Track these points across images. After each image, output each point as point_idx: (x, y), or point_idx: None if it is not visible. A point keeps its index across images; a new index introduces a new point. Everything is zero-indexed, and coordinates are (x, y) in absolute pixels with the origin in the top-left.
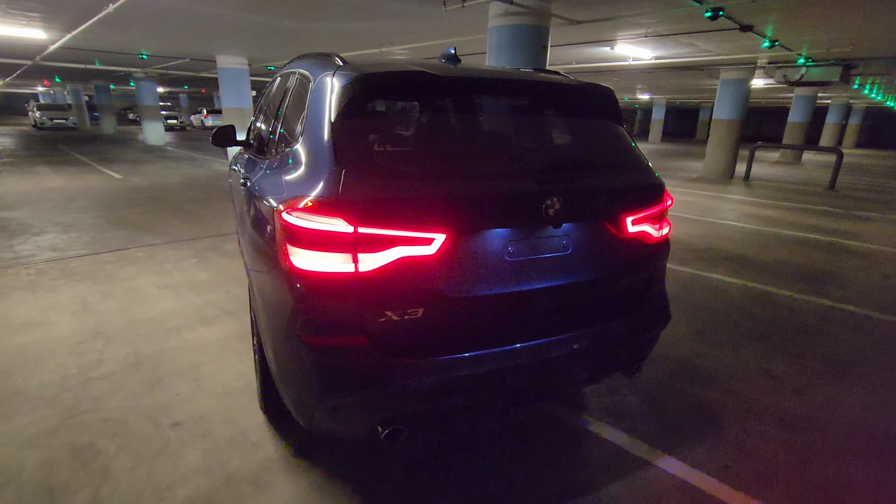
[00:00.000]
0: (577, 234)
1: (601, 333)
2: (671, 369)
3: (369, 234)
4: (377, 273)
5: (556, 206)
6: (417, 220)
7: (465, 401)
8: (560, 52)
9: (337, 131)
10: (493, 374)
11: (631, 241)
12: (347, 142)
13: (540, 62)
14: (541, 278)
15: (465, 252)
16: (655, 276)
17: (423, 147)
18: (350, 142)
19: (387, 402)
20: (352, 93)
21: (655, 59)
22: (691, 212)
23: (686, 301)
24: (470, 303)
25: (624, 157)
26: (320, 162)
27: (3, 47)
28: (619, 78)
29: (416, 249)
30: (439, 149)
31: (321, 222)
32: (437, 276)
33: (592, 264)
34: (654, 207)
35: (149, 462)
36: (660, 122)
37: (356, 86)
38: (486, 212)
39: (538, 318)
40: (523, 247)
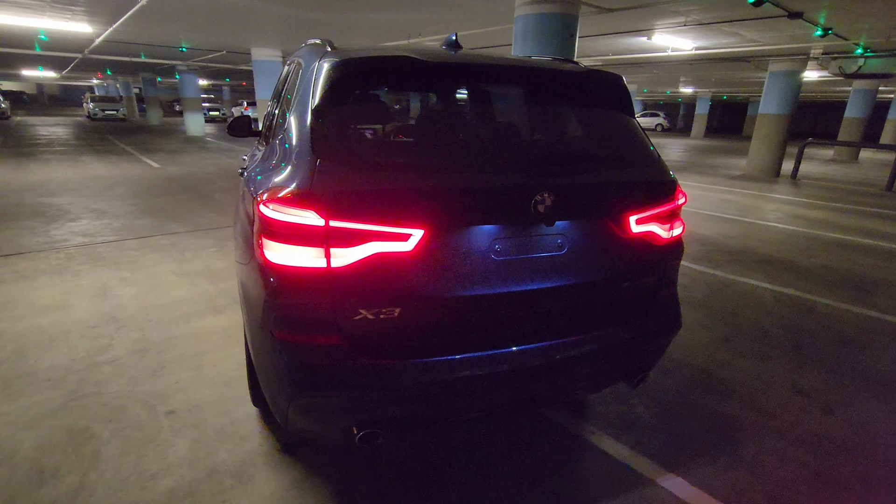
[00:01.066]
0: (573, 233)
1: (600, 340)
2: (688, 379)
3: (342, 228)
4: (351, 269)
5: (547, 203)
6: (393, 214)
7: (447, 407)
8: (594, 42)
9: (317, 120)
10: (478, 380)
11: (636, 242)
12: (327, 130)
13: (568, 52)
14: (532, 279)
15: (446, 249)
16: (665, 281)
17: (406, 137)
18: (329, 130)
19: (362, 405)
20: (333, 79)
21: (696, 49)
22: (729, 211)
23: (713, 306)
24: (451, 303)
25: (631, 150)
26: (299, 151)
27: (55, 41)
28: (659, 70)
29: (392, 245)
30: (423, 139)
31: (293, 214)
32: (415, 275)
33: (590, 266)
34: (663, 206)
35: (138, 449)
36: (703, 116)
37: (337, 72)
38: (469, 207)
39: (529, 322)
40: (512, 245)
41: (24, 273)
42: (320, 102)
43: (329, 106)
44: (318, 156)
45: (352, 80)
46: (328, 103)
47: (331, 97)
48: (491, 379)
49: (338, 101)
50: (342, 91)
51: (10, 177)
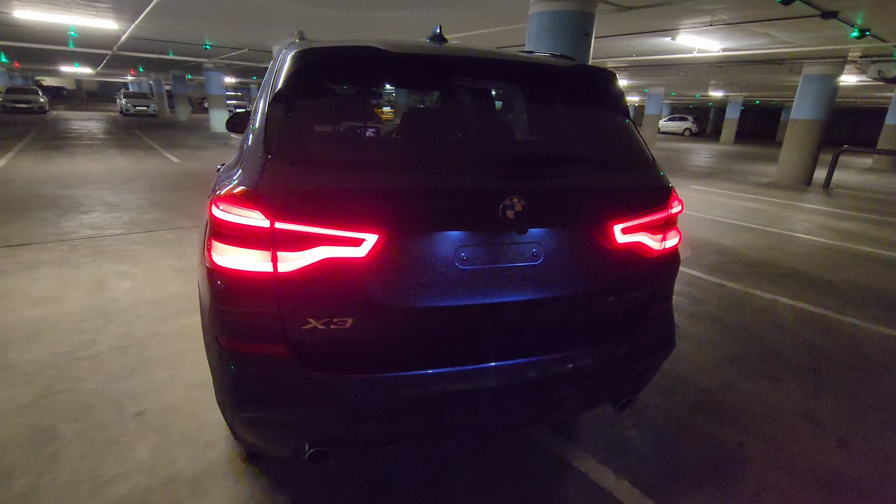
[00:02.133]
0: (549, 242)
1: (581, 360)
2: (690, 400)
3: (288, 230)
4: (298, 275)
5: (516, 208)
6: (344, 217)
7: (407, 427)
8: (616, 43)
9: (272, 114)
10: (441, 400)
11: (622, 254)
12: (281, 126)
13: (583, 51)
14: (502, 291)
15: (404, 257)
16: (656, 296)
17: (368, 134)
18: (284, 126)
19: (312, 422)
20: (291, 71)
21: (724, 51)
22: (753, 220)
23: (725, 321)
24: (411, 316)
25: (621, 153)
26: (253, 148)
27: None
28: (686, 73)
29: (343, 251)
30: (385, 136)
31: (238, 215)
32: (369, 283)
33: (569, 278)
34: (654, 214)
35: (99, 452)
36: (734, 121)
37: (295, 63)
38: (430, 211)
39: (499, 337)
40: (480, 253)
41: (27, 264)
42: (276, 96)
43: (285, 99)
44: (269, 152)
45: (310, 71)
46: (285, 97)
47: (288, 90)
48: (456, 399)
49: (295, 95)
50: (300, 83)
51: (35, 169)
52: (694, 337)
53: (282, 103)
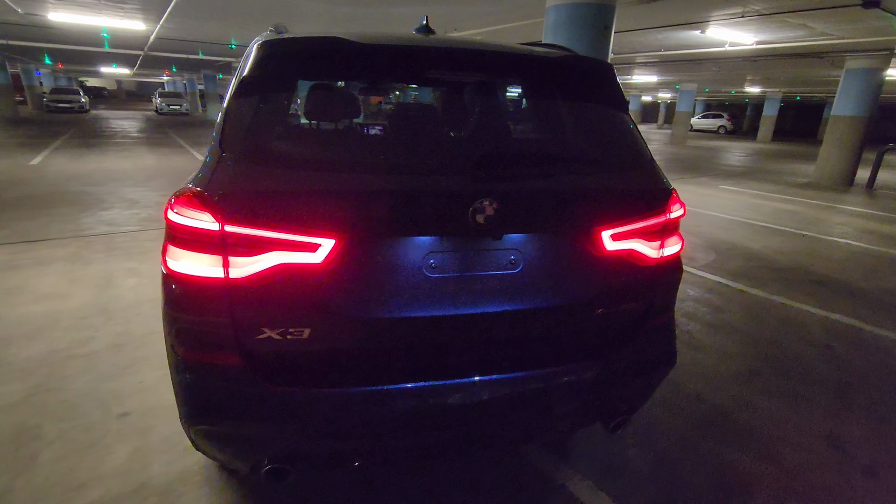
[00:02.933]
0: (529, 249)
1: (565, 377)
2: (699, 418)
3: (239, 233)
4: (251, 281)
5: (487, 211)
6: (298, 220)
7: (372, 445)
8: (642, 37)
9: (231, 110)
10: (408, 417)
11: (612, 262)
12: (238, 122)
13: (602, 46)
14: (476, 302)
15: (365, 263)
16: (653, 309)
17: (328, 131)
18: (241, 122)
19: (269, 437)
20: (253, 64)
21: (758, 44)
22: (785, 223)
23: (747, 332)
24: (373, 327)
25: (614, 151)
26: (212, 146)
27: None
28: (719, 68)
29: (298, 256)
30: (348, 134)
31: (189, 217)
32: (327, 291)
33: (551, 288)
34: (650, 219)
35: (77, 455)
36: (772, 118)
37: (257, 55)
38: (392, 214)
39: (473, 351)
40: (450, 261)
41: (42, 259)
42: (235, 90)
43: (244, 94)
44: (223, 150)
45: (270, 64)
46: (243, 91)
47: (247, 84)
48: (425, 417)
49: (254, 89)
50: (259, 77)
51: (66, 166)
52: (710, 348)
53: (241, 98)
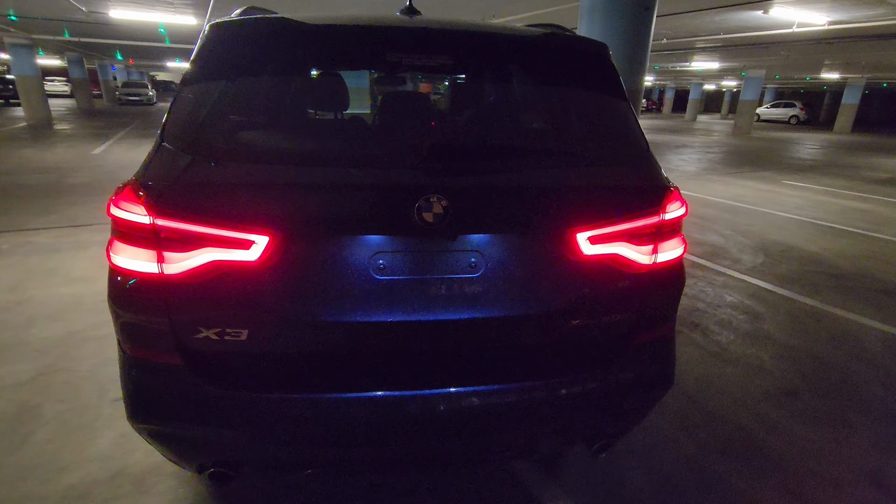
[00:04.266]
0: (491, 251)
1: (536, 393)
2: (719, 441)
3: (170, 227)
4: (186, 278)
5: (435, 209)
6: (230, 215)
7: (320, 455)
8: (697, 19)
9: (178, 98)
10: (354, 428)
11: (590, 268)
12: (179, 110)
13: (642, 29)
14: (430, 307)
15: (305, 262)
16: (644, 322)
17: (271, 120)
18: (182, 110)
19: (210, 440)
20: (200, 48)
21: (831, 24)
22: (854, 223)
23: (789, 344)
24: (315, 330)
25: (601, 142)
26: (157, 136)
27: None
28: (789, 52)
29: (231, 254)
30: (295, 123)
31: (125, 209)
32: (264, 291)
33: (517, 296)
34: (638, 219)
35: (66, 437)
36: (851, 107)
37: (203, 39)
38: (332, 210)
39: (428, 361)
40: (401, 262)
41: (82, 243)
42: (184, 77)
43: (190, 81)
44: (163, 140)
45: (216, 49)
46: (190, 77)
47: (194, 70)
48: (373, 428)
49: (200, 75)
50: (206, 62)
51: (122, 155)
52: (742, 361)
53: (187, 85)
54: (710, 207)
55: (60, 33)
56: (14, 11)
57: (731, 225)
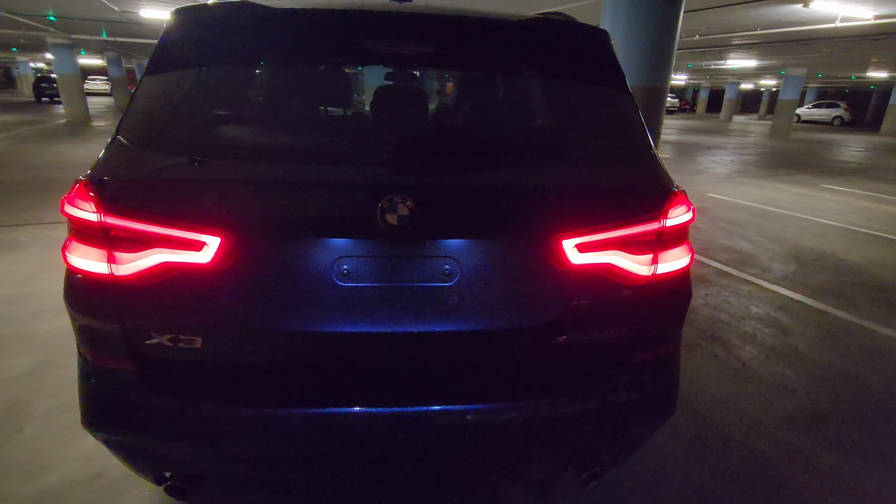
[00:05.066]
0: (468, 259)
1: (516, 414)
2: (732, 468)
3: (119, 226)
4: (136, 280)
5: (400, 211)
6: (180, 213)
7: (280, 474)
8: (731, 14)
9: (138, 90)
10: (322, 445)
11: (581, 279)
12: (138, 103)
13: (666, 23)
14: (399, 318)
15: (261, 266)
16: (642, 340)
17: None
18: (139, 101)
19: (165, 452)
20: (163, 36)
21: (878, 18)
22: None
23: (820, 362)
24: (272, 340)
25: (595, 139)
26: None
27: None
28: (831, 49)
29: (183, 255)
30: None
31: (76, 206)
32: (218, 296)
33: (496, 307)
34: (635, 226)
35: (53, 435)
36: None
37: (169, 25)
38: (290, 210)
39: (398, 377)
40: (367, 267)
41: None
42: (147, 68)
43: (152, 72)
44: (118, 133)
45: (179, 36)
46: (152, 68)
47: (156, 60)
48: (336, 446)
49: (160, 65)
50: (167, 51)
51: None
52: (765, 379)
53: (147, 75)
54: (741, 212)
55: (98, 33)
56: (53, 12)
57: (761, 230)
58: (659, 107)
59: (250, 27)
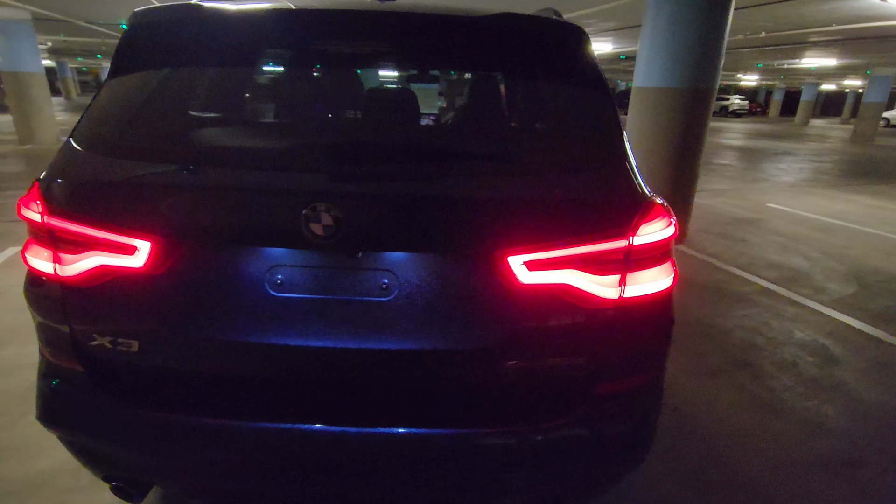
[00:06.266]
0: (407, 273)
1: (458, 443)
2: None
3: (60, 227)
4: (78, 281)
5: (325, 220)
6: (113, 217)
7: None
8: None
9: (98, 93)
10: (247, 457)
11: (533, 300)
12: (93, 107)
13: (714, 19)
14: (332, 333)
15: (195, 272)
16: (608, 371)
17: (169, 116)
18: (95, 106)
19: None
20: (124, 38)
21: None
22: None
23: (864, 399)
24: (204, 348)
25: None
26: None
27: None
28: None
29: (118, 259)
30: (186, 119)
31: (27, 207)
32: (152, 301)
33: (438, 327)
34: (595, 242)
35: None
36: None
37: (128, 27)
38: (218, 216)
39: (332, 393)
40: (302, 278)
41: None
42: (110, 69)
43: (110, 76)
44: (70, 135)
45: (131, 40)
46: (110, 72)
47: (112, 64)
48: (260, 461)
49: (114, 69)
50: (120, 55)
51: None
52: (797, 416)
53: (106, 81)
54: (801, 224)
55: None
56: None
57: (822, 246)
58: (703, 111)
59: (191, 30)
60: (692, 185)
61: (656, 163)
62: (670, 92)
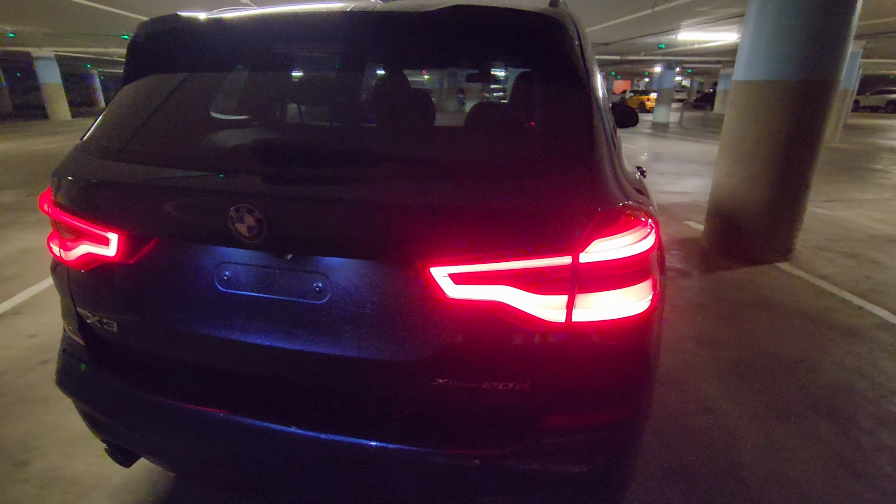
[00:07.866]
0: (339, 277)
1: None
2: None
3: (60, 219)
4: (76, 266)
5: (248, 221)
6: (92, 210)
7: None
8: None
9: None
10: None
11: (462, 315)
12: (112, 108)
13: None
14: (268, 331)
15: (156, 264)
16: (557, 401)
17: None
18: (113, 108)
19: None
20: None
21: None
22: None
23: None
24: (163, 333)
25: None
26: None
27: None
28: None
29: (99, 248)
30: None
31: (45, 200)
32: (126, 287)
33: (366, 334)
34: (532, 257)
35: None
36: None
37: (134, 37)
38: (165, 214)
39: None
40: (246, 275)
41: None
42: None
43: (126, 78)
44: (81, 138)
45: (134, 47)
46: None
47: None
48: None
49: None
50: (131, 62)
51: None
52: (883, 486)
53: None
54: None
55: None
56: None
57: None
58: (818, 107)
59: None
60: (802, 194)
61: (757, 168)
62: (775, 85)
